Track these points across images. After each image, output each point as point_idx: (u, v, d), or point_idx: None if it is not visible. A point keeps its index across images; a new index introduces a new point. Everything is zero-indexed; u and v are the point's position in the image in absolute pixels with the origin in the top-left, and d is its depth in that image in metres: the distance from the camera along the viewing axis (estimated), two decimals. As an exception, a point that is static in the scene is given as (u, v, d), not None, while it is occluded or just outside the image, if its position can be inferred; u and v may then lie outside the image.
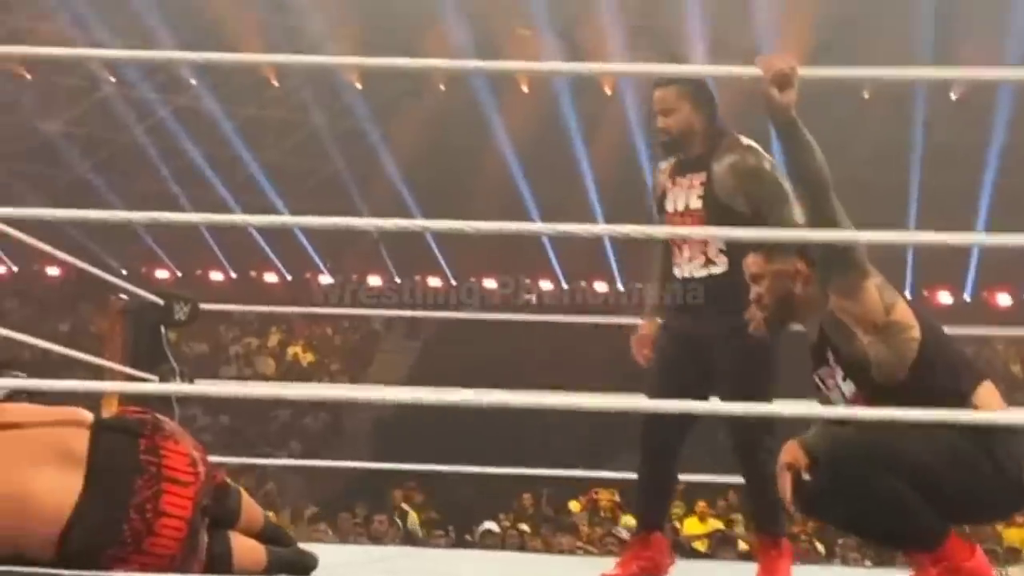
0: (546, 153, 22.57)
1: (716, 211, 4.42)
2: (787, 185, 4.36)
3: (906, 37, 21.32)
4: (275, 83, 23.97)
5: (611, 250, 24.03)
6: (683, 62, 16.05)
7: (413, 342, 23.63)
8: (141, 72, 22.85)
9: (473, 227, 3.64)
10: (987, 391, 3.65)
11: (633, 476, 4.61)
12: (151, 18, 21.51)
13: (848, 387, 3.72)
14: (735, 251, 4.34)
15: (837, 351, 3.72)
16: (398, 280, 25.56)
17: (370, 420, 20.37)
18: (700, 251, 4.50)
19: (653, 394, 4.57)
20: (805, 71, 3.74)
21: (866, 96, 23.29)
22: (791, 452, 3.66)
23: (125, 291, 5.84)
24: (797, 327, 3.95)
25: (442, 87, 23.84)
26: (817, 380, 3.81)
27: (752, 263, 3.91)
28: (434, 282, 25.63)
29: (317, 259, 25.45)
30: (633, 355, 4.73)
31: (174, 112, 23.59)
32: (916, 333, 3.66)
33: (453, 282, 25.39)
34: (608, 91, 23.25)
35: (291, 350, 23.28)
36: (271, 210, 22.46)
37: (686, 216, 4.50)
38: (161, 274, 25.14)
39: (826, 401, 3.80)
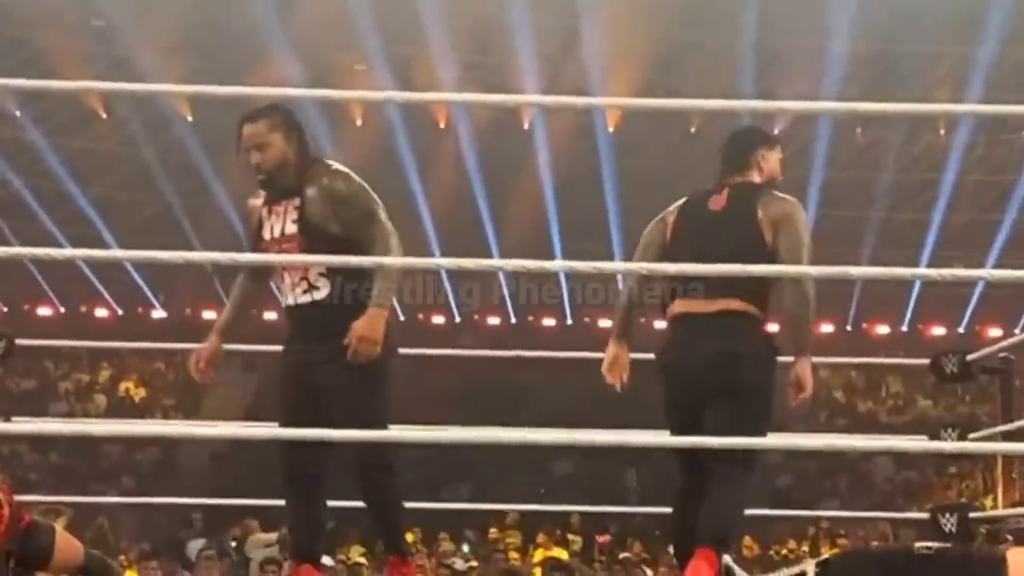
0: (379, 185, 22.49)
1: (312, 235, 4.42)
2: (377, 205, 4.48)
3: (731, 76, 21.88)
4: (103, 115, 23.50)
5: (448, 282, 24.06)
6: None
7: (250, 374, 23.31)
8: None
9: (303, 260, 3.64)
10: None
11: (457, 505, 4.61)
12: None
13: None
14: (336, 274, 4.39)
15: None
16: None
17: (206, 455, 20.03)
18: (301, 276, 4.47)
19: (280, 423, 4.53)
20: (638, 102, 3.79)
21: (693, 130, 23.79)
22: None
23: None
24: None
25: (298, 120, 23.62)
26: None
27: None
28: (270, 315, 25.34)
29: (149, 293, 24.96)
30: (192, 368, 4.75)
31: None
32: None
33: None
34: (442, 124, 23.34)
35: (123, 385, 22.80)
36: (100, 243, 21.98)
37: (283, 242, 4.48)
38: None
39: None
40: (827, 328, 25.20)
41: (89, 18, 21.78)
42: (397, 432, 4.58)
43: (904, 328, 25.02)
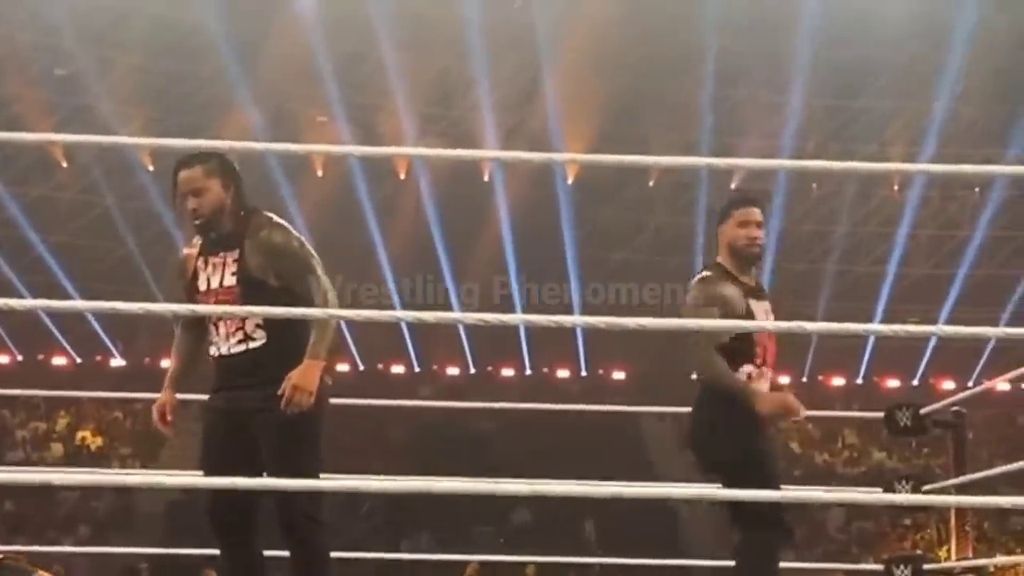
0: (340, 234, 22.52)
1: (250, 287, 4.40)
2: (315, 259, 4.45)
3: (690, 127, 22.06)
4: (64, 163, 23.42)
5: (407, 333, 24.05)
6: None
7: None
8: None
9: (266, 312, 3.62)
10: None
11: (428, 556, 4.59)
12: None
13: None
14: (273, 326, 4.40)
15: None
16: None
17: (162, 503, 19.83)
18: (238, 327, 4.45)
19: (206, 471, 4.52)
20: (591, 158, 3.82)
21: (651, 184, 23.95)
22: None
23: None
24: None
25: (236, 168, 23.63)
26: None
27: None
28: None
29: (108, 341, 24.78)
30: (155, 423, 4.72)
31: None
32: None
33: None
34: (402, 175, 23.39)
35: (80, 434, 22.58)
36: (60, 291, 21.81)
37: (221, 293, 4.45)
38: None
39: None
40: (784, 379, 25.29)
41: (53, 67, 21.75)
42: (357, 481, 4.56)
43: (859, 380, 25.15)
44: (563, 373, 24.61)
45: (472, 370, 24.68)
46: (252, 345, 4.43)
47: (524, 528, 18.79)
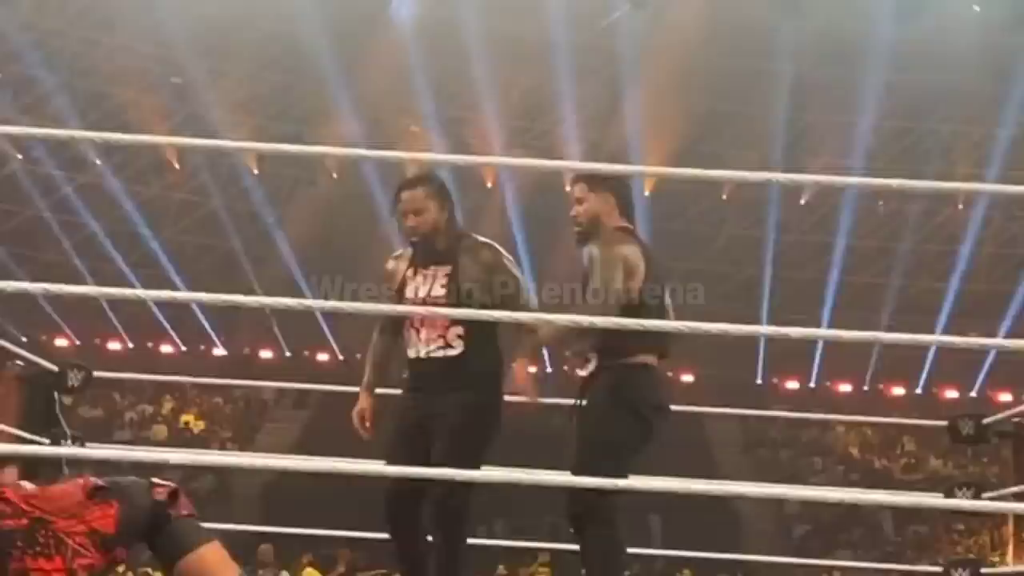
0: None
1: (457, 299, 4.53)
2: (521, 279, 4.59)
3: (763, 145, 21.88)
4: (176, 166, 23.73)
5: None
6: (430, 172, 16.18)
7: (302, 412, 23.33)
8: (47, 150, 22.49)
9: (354, 308, 3.63)
10: None
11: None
12: (60, 100, 21.23)
13: None
14: (473, 337, 4.50)
15: None
16: (288, 354, 25.29)
17: (258, 484, 20.02)
18: (439, 334, 4.56)
19: (389, 462, 4.56)
20: (672, 171, 3.77)
21: (724, 197, 23.78)
22: None
23: (21, 358, 5.66)
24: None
25: (335, 175, 23.80)
26: None
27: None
28: (322, 357, 25.41)
29: (212, 332, 25.08)
30: (358, 427, 4.76)
31: (78, 189, 23.22)
32: None
33: (340, 357, 25.18)
34: (489, 184, 23.42)
35: (184, 417, 22.88)
36: (169, 285, 22.13)
37: (428, 302, 4.57)
38: (60, 343, 24.53)
39: None
40: (845, 388, 24.98)
41: (168, 76, 22.06)
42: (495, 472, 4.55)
43: (919, 391, 24.77)
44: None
45: (549, 369, 24.63)
46: (450, 353, 4.54)
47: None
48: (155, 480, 3.47)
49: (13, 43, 20.52)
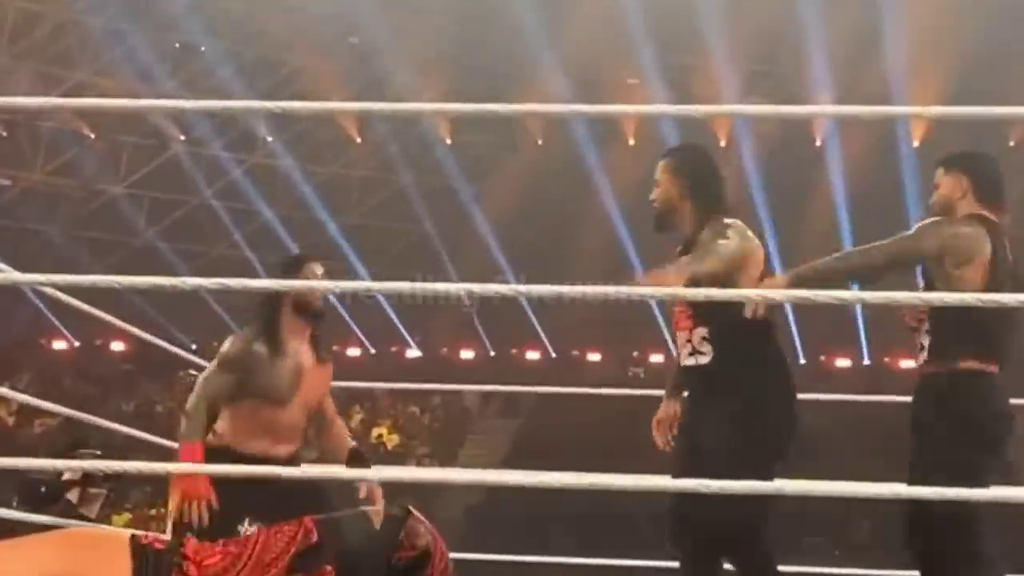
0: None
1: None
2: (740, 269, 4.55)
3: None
4: (358, 139, 24.26)
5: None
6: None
7: (511, 420, 23.58)
8: (212, 129, 23.24)
9: (576, 292, 3.60)
10: None
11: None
12: (224, 70, 21.92)
13: None
14: (720, 342, 4.54)
15: None
16: (493, 353, 25.58)
17: (461, 507, 20.35)
18: (686, 339, 4.64)
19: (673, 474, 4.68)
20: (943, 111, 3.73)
21: (1012, 144, 23.04)
22: None
23: (195, 366, 5.91)
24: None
25: (539, 141, 23.98)
26: None
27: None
28: (532, 355, 25.65)
29: (404, 331, 25.57)
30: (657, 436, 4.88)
31: (248, 172, 23.92)
32: None
33: (553, 355, 25.39)
34: (723, 141, 23.21)
35: (376, 431, 23.28)
36: (352, 276, 22.52)
37: (679, 300, 4.63)
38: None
39: None
40: None
41: (345, 36, 22.53)
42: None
43: None
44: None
45: (802, 360, 24.35)
46: (701, 360, 4.62)
47: (865, 541, 18.46)
48: (405, 536, 3.48)
49: (171, 9, 21.28)
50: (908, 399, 4.58)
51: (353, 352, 25.72)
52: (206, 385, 4.91)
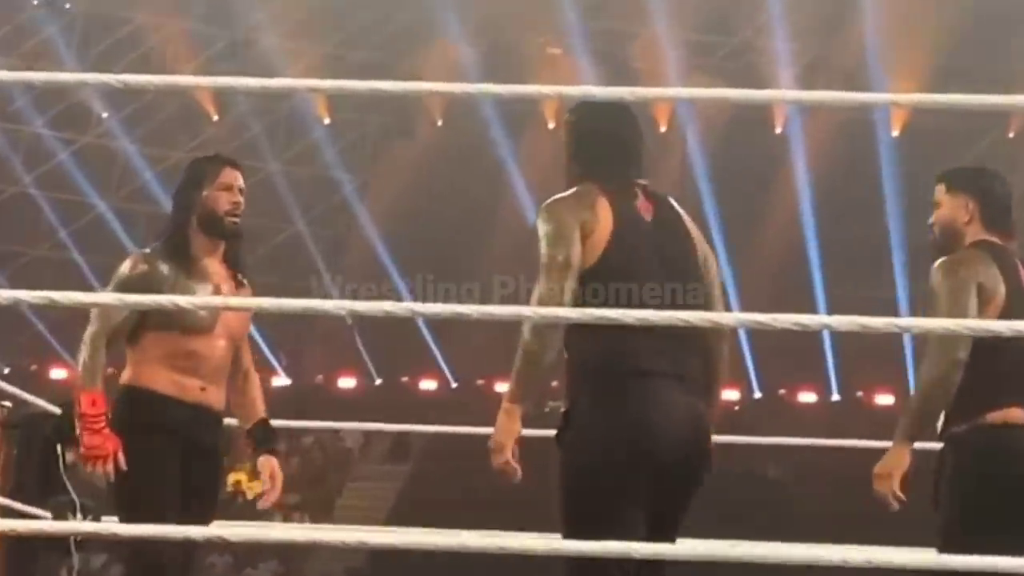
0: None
1: None
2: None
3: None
4: (215, 116, 24.14)
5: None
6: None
7: (399, 466, 23.55)
8: (33, 102, 23.00)
9: (483, 312, 3.56)
10: None
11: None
12: (49, 28, 21.76)
13: None
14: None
15: None
16: (379, 382, 25.51)
17: (339, 569, 20.33)
18: None
19: None
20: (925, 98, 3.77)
21: (1011, 136, 23.42)
22: None
23: (8, 396, 5.86)
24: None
25: (439, 122, 23.98)
26: None
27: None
28: (428, 385, 25.56)
29: (269, 354, 25.48)
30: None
31: (77, 155, 23.70)
32: None
33: (453, 384, 25.36)
34: (663, 127, 23.32)
35: (232, 477, 23.17)
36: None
37: None
38: (58, 373, 25.01)
39: None
40: None
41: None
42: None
43: None
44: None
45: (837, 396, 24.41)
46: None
47: None
48: None
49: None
50: (884, 444, 4.65)
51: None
52: (103, 318, 4.86)
